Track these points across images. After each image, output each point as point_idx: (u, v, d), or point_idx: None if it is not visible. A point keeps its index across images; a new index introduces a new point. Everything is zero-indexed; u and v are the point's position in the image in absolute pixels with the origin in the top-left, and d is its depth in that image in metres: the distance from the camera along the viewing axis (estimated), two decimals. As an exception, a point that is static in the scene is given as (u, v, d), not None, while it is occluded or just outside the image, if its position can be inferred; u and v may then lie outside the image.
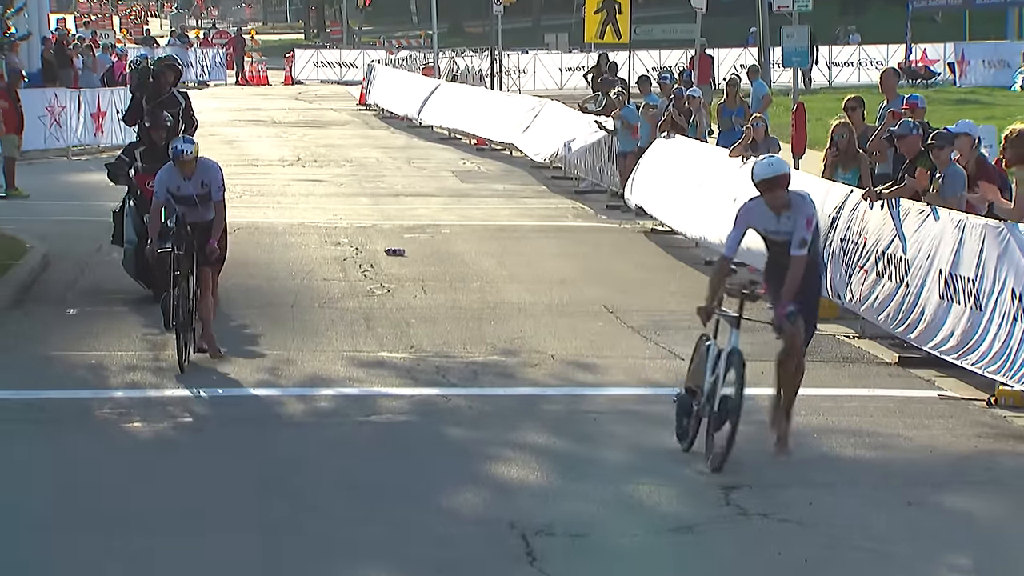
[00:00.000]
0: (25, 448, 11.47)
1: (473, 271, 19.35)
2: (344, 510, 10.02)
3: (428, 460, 11.25)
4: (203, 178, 14.16)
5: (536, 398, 13.24)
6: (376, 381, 13.60)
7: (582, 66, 36.39)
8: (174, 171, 14.14)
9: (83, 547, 9.23)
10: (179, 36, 66.38)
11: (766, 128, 19.91)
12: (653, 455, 11.42)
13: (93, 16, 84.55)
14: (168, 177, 14.20)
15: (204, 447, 11.59)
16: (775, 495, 10.37)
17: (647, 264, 20.19)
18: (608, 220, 24.15)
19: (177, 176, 14.14)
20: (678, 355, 14.71)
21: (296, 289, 17.76)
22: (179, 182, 14.14)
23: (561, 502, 10.20)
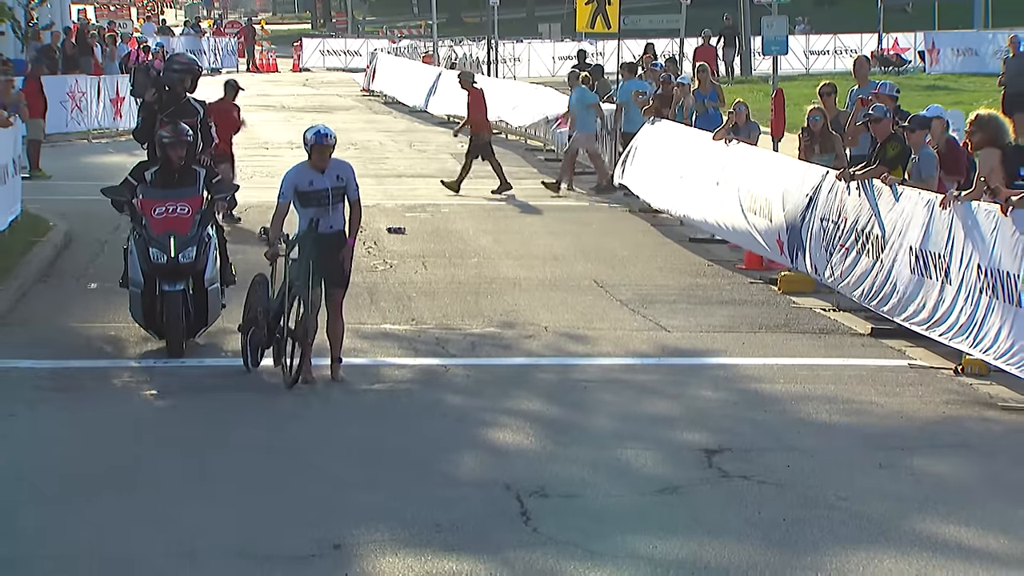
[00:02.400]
0: (50, 413, 11.46)
1: (471, 248, 19.32)
2: (347, 473, 10.01)
3: (428, 426, 11.24)
4: (338, 172, 12.30)
5: (530, 368, 13.23)
6: (379, 352, 13.59)
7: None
8: (304, 167, 12.30)
9: (106, 508, 9.22)
10: (193, 26, 66.15)
11: (747, 113, 19.87)
12: (640, 421, 11.43)
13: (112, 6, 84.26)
14: (297, 174, 12.28)
15: (214, 414, 11.57)
16: (755, 458, 10.37)
17: (634, 241, 20.17)
18: (599, 200, 24.11)
19: (308, 171, 12.24)
20: (664, 327, 14.72)
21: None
22: (311, 176, 12.21)
23: (554, 465, 10.20)
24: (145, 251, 13.03)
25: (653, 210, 22.21)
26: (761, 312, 15.59)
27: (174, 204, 13.18)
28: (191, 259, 13.05)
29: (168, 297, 12.92)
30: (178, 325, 12.92)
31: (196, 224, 13.15)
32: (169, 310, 12.95)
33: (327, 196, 12.19)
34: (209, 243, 13.22)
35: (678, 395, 12.30)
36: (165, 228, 13.04)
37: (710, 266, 18.31)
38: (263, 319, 12.39)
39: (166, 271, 12.95)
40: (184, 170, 13.40)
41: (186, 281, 13.05)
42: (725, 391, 12.42)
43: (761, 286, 17.00)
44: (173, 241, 12.97)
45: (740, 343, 14.20)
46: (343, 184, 12.28)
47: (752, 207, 17.86)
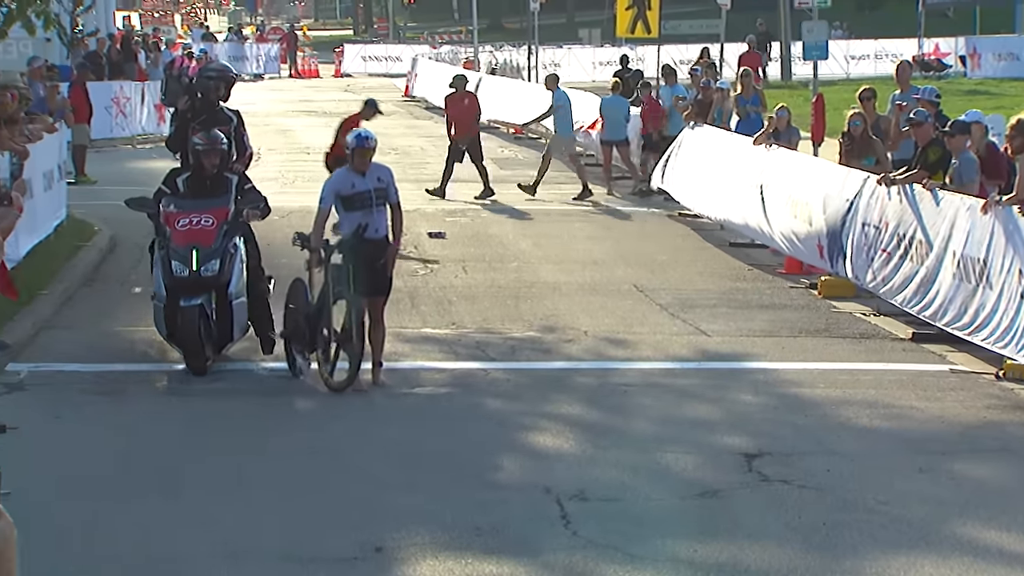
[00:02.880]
0: (95, 416, 11.54)
1: (510, 252, 19.34)
2: (388, 475, 10.04)
3: (468, 429, 11.26)
4: (378, 174, 12.32)
5: (570, 371, 13.23)
6: (420, 355, 13.62)
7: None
8: (345, 171, 12.30)
9: (151, 510, 9.28)
10: (236, 32, 66.51)
11: (789, 118, 19.82)
12: (680, 425, 11.41)
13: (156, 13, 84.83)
14: (339, 179, 12.27)
15: (256, 417, 11.63)
16: (795, 462, 10.34)
17: (674, 246, 20.14)
18: (637, 205, 24.09)
19: (350, 175, 12.24)
20: (704, 331, 14.70)
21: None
22: (353, 179, 12.21)
23: (594, 469, 10.20)
24: (168, 264, 12.64)
25: (693, 214, 22.18)
26: (801, 316, 15.55)
27: (198, 216, 12.77)
28: (214, 272, 12.59)
29: (184, 312, 12.44)
30: (194, 340, 12.44)
31: (220, 236, 12.71)
32: (184, 325, 12.46)
33: (370, 198, 12.22)
34: (235, 255, 12.76)
35: (718, 399, 12.27)
36: (188, 240, 12.63)
37: (750, 270, 18.27)
38: (305, 324, 12.38)
39: (187, 285, 12.51)
40: (216, 178, 13.06)
41: (207, 295, 12.57)
42: (765, 395, 12.39)
43: (801, 290, 16.95)
44: (195, 254, 12.55)
45: (780, 347, 14.16)
46: (384, 186, 12.32)
47: (792, 212, 17.81)
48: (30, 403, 11.78)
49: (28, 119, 19.10)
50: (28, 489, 9.05)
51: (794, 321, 15.32)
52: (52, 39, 32.14)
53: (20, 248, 16.37)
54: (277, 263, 17.12)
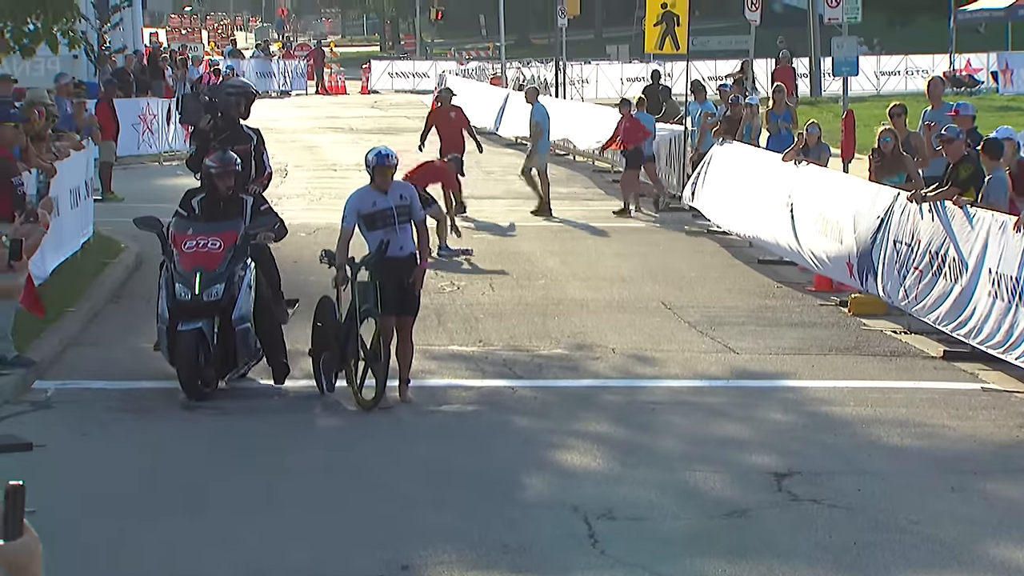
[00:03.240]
0: (121, 434, 11.58)
1: (538, 269, 19.34)
2: (414, 493, 10.04)
3: (495, 447, 11.26)
4: (400, 191, 12.35)
5: (598, 389, 13.22)
6: (447, 373, 13.62)
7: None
8: (366, 189, 12.31)
9: (177, 528, 9.29)
10: (263, 49, 66.81)
11: (819, 134, 19.79)
12: (708, 443, 11.38)
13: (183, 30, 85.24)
14: (360, 197, 12.28)
15: (282, 435, 11.64)
16: (825, 482, 10.30)
17: (702, 263, 20.12)
18: (665, 221, 24.07)
19: (371, 193, 12.26)
20: (732, 349, 14.67)
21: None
22: (374, 197, 12.21)
23: (621, 487, 10.18)
24: (171, 286, 12.39)
25: (722, 231, 22.15)
26: (831, 334, 15.50)
27: (205, 238, 12.54)
28: (217, 297, 12.31)
29: (181, 336, 12.17)
30: (190, 366, 12.15)
31: (227, 260, 12.43)
32: (180, 350, 12.18)
33: (392, 216, 12.21)
34: (242, 280, 12.47)
35: (747, 418, 12.24)
36: (193, 263, 12.39)
37: (779, 288, 18.23)
38: (334, 342, 12.35)
39: (189, 308, 12.23)
40: (231, 199, 12.86)
41: (208, 320, 12.28)
42: (795, 414, 12.35)
43: (831, 308, 16.90)
44: (199, 277, 12.29)
45: (810, 365, 14.12)
46: (407, 203, 12.31)
47: (822, 229, 17.77)
48: (57, 421, 11.83)
49: (55, 136, 19.21)
50: (54, 507, 9.08)
51: (824, 339, 15.28)
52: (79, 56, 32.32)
53: (47, 265, 16.45)
54: (305, 280, 17.17)
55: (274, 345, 12.90)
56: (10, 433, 10.63)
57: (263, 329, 12.81)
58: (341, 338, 12.27)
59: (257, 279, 12.79)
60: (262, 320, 12.80)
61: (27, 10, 18.75)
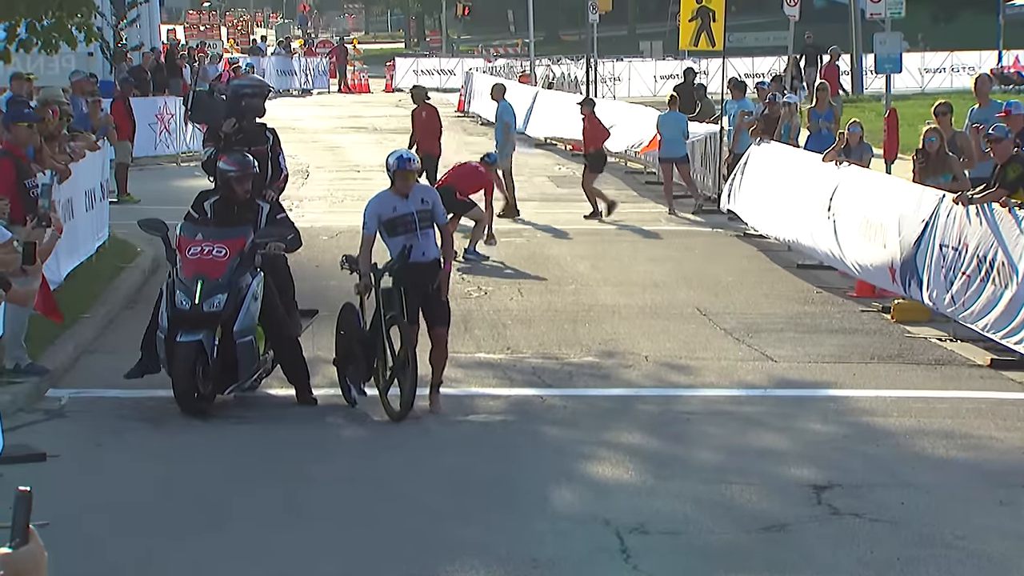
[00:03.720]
0: (136, 443, 11.62)
1: (568, 274, 19.35)
2: (441, 505, 10.05)
3: (524, 458, 11.26)
4: (422, 196, 12.27)
5: (630, 398, 13.21)
6: (473, 381, 13.63)
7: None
8: (386, 194, 12.25)
9: (198, 541, 9.32)
10: (284, 46, 67.00)
11: (861, 134, 19.73)
12: (745, 455, 11.36)
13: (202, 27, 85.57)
14: (380, 202, 12.22)
15: (303, 445, 11.67)
16: (867, 495, 10.27)
17: (739, 267, 20.08)
18: (701, 224, 24.05)
19: (391, 198, 12.19)
20: (770, 357, 14.64)
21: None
22: (395, 202, 12.15)
23: (655, 500, 10.17)
24: (172, 294, 12.19)
25: (759, 234, 22.11)
26: (873, 342, 15.46)
27: (211, 245, 12.35)
28: (218, 308, 12.09)
29: (179, 348, 11.95)
30: (186, 379, 11.96)
31: (232, 269, 12.23)
32: (177, 362, 11.98)
33: (413, 221, 12.15)
34: (247, 291, 12.25)
35: (785, 428, 12.22)
36: (195, 270, 12.20)
37: (819, 293, 18.19)
38: (360, 351, 12.31)
39: (188, 318, 12.04)
40: (246, 205, 12.69)
41: (208, 332, 12.07)
42: (835, 424, 12.32)
43: (873, 314, 16.86)
44: (200, 286, 12.08)
45: (851, 374, 14.08)
46: (429, 207, 12.25)
47: (864, 232, 17.72)
48: (71, 430, 11.89)
49: (70, 136, 19.29)
50: (68, 520, 9.12)
51: (866, 346, 15.23)
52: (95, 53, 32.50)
53: (61, 270, 16.53)
54: (326, 285, 17.22)
55: (293, 362, 12.73)
56: (23, 443, 10.72)
57: (280, 345, 12.69)
58: (367, 347, 12.23)
59: (269, 291, 12.59)
60: (278, 335, 12.67)
61: (43, 5, 18.85)
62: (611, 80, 51.53)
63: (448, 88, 57.85)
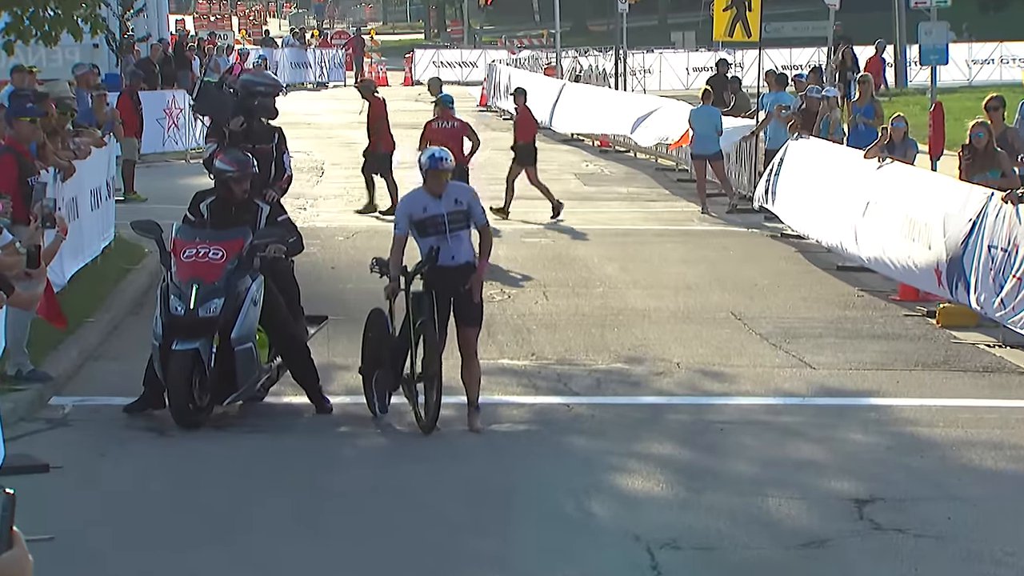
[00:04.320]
0: (142, 453, 11.65)
1: (595, 276, 19.35)
2: (463, 518, 10.06)
3: (549, 469, 11.26)
4: (456, 196, 12.10)
5: (661, 407, 13.21)
6: (496, 389, 13.64)
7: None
8: (419, 192, 12.11)
9: (205, 555, 9.34)
10: (298, 37, 67.18)
11: (906, 129, 19.67)
12: (782, 467, 11.35)
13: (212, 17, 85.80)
14: (411, 201, 12.13)
15: (320, 454, 11.69)
16: (911, 509, 10.25)
17: (776, 269, 20.06)
18: (735, 224, 24.02)
19: (423, 196, 12.05)
20: (809, 363, 14.62)
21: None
22: (426, 202, 12.01)
23: (687, 515, 10.16)
24: (166, 299, 12.11)
25: (797, 235, 22.08)
26: (918, 348, 15.42)
27: (207, 247, 12.26)
28: (215, 313, 12.02)
29: (174, 357, 11.90)
30: (182, 391, 11.90)
31: (229, 272, 12.16)
32: (172, 372, 11.92)
33: (443, 223, 12.05)
34: (245, 296, 12.17)
35: (825, 439, 12.20)
36: (190, 274, 12.13)
37: (860, 296, 18.16)
38: (388, 359, 12.23)
39: (183, 325, 11.96)
40: (244, 205, 12.62)
41: (205, 340, 12.00)
42: (877, 435, 12.29)
43: (917, 319, 16.82)
44: (195, 290, 12.01)
45: (894, 382, 14.05)
46: (463, 208, 12.11)
47: (908, 233, 17.67)
48: (74, 440, 11.93)
49: (75, 132, 19.34)
50: (71, 532, 9.15)
51: (910, 353, 15.20)
52: (100, 45, 32.61)
53: (65, 272, 16.57)
54: (343, 288, 17.25)
55: (303, 369, 12.69)
56: (25, 453, 10.76)
57: (288, 353, 12.66)
58: (395, 354, 12.16)
59: (271, 294, 12.51)
60: (283, 342, 12.63)
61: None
62: (641, 72, 51.50)
63: (470, 81, 57.91)
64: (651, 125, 30.78)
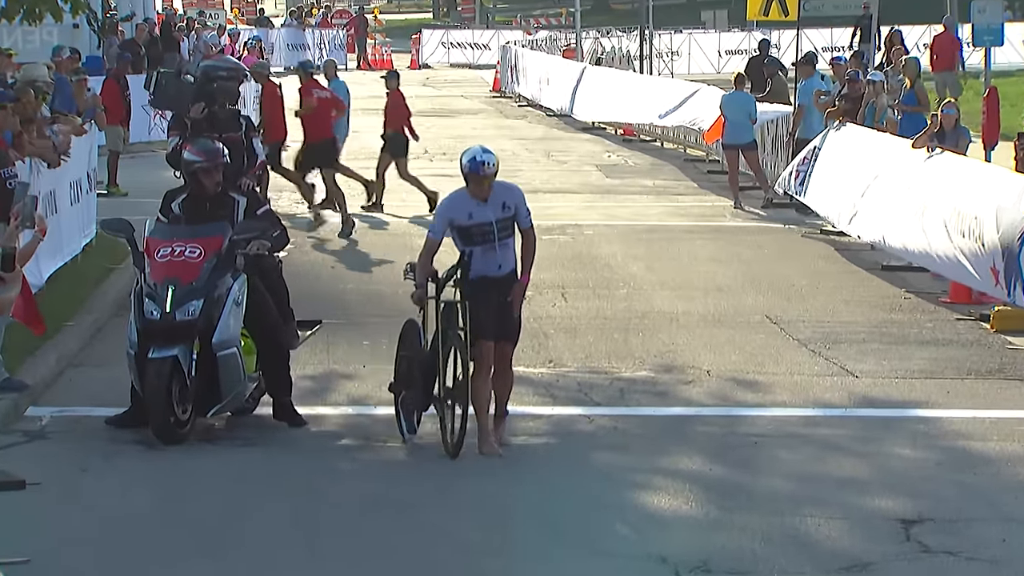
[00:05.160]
0: (127, 467, 11.66)
1: (619, 276, 19.35)
2: (474, 537, 10.07)
3: (568, 486, 11.26)
4: (504, 199, 11.90)
5: (690, 419, 13.21)
6: (512, 399, 13.60)
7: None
8: (462, 195, 11.89)
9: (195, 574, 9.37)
10: (296, 16, 67.22)
11: (957, 117, 19.63)
12: (822, 484, 11.35)
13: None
14: (453, 204, 11.91)
15: (317, 468, 11.70)
16: (962, 530, 10.24)
17: (814, 269, 20.05)
18: (771, 219, 24.01)
19: (467, 200, 11.85)
20: (851, 372, 14.61)
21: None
22: (471, 207, 11.80)
23: (718, 535, 10.16)
24: (140, 303, 12.06)
25: (837, 231, 22.06)
26: (970, 354, 15.41)
27: (183, 245, 12.19)
28: (193, 317, 11.97)
29: (151, 365, 11.84)
30: (160, 402, 11.84)
31: (208, 272, 12.10)
32: (149, 381, 11.87)
33: (491, 231, 11.86)
34: (227, 297, 12.11)
35: (868, 453, 12.19)
36: (165, 275, 12.07)
37: (907, 299, 18.15)
38: (419, 376, 12.06)
39: (159, 330, 11.91)
40: (218, 199, 12.51)
41: (184, 347, 11.95)
42: (926, 449, 12.28)
43: (970, 323, 16.80)
44: (171, 292, 11.96)
45: (944, 392, 14.04)
46: (511, 213, 11.90)
47: (959, 228, 17.63)
48: (53, 453, 11.95)
49: (51, 118, 19.35)
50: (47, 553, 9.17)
51: (961, 360, 15.18)
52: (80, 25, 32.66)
53: (42, 272, 16.60)
54: (343, 288, 17.27)
55: (276, 375, 12.59)
56: (0, 469, 10.76)
57: (266, 356, 12.55)
58: (424, 370, 11.99)
59: (256, 293, 12.46)
60: (266, 345, 12.54)
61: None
62: (668, 55, 51.45)
63: (481, 64, 57.95)
64: (682, 114, 30.72)
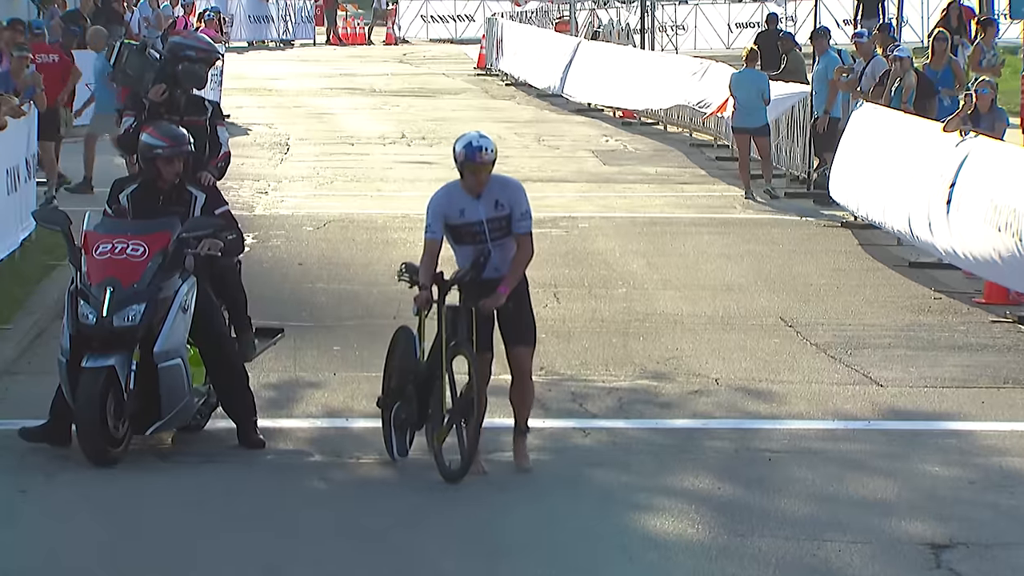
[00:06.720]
0: (71, 489, 11.64)
1: (617, 274, 19.36)
2: (456, 567, 10.07)
3: (562, 507, 11.26)
4: (499, 197, 11.77)
5: (696, 432, 13.21)
6: (499, 410, 13.58)
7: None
8: (455, 189, 11.83)
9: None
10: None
11: (993, 97, 19.64)
12: (843, 505, 11.36)
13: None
14: (445, 199, 11.82)
15: (285, 491, 11.69)
16: (999, 556, 10.26)
17: (834, 266, 20.07)
18: (785, 211, 24.03)
19: (460, 195, 11.80)
20: (875, 380, 14.62)
21: (400, 297, 17.78)
22: (463, 204, 11.76)
23: (729, 563, 10.17)
24: (75, 305, 11.90)
25: (860, 224, 22.09)
26: (1007, 361, 15.43)
27: (125, 241, 12.05)
28: (133, 322, 11.83)
29: (84, 376, 11.73)
30: (92, 417, 11.69)
31: (152, 273, 11.96)
32: (81, 393, 11.74)
33: (483, 231, 11.82)
34: (173, 301, 11.99)
35: (894, 471, 12.21)
36: (104, 275, 11.91)
37: (937, 299, 18.16)
38: (412, 389, 12.04)
39: (94, 337, 11.80)
40: (174, 192, 12.42)
41: (123, 356, 11.83)
42: (958, 466, 12.30)
43: (1007, 326, 16.83)
44: (109, 294, 11.82)
45: (978, 402, 14.06)
46: (505, 212, 11.82)
47: (995, 221, 17.66)
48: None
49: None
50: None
51: (997, 367, 15.20)
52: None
53: (-24, 268, 16.58)
54: (312, 288, 17.25)
55: (234, 393, 12.50)
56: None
57: (220, 371, 12.45)
58: (421, 384, 11.94)
59: (204, 299, 12.36)
60: (217, 358, 12.44)
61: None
62: (672, 28, 51.50)
63: (465, 39, 58.00)
64: (687, 94, 30.69)
